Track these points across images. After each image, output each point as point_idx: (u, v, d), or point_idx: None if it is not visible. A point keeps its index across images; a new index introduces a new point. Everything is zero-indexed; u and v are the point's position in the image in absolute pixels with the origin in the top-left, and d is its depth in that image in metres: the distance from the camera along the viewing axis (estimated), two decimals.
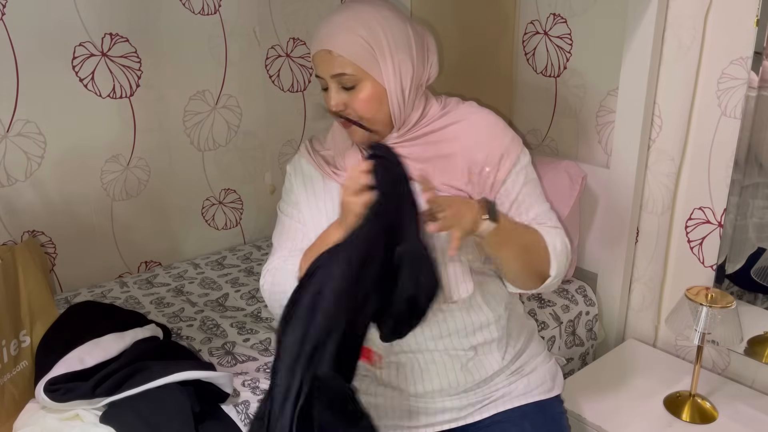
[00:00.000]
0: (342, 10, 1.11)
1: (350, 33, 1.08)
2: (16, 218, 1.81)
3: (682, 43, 1.53)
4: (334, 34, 1.08)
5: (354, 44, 1.08)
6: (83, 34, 1.81)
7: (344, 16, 1.09)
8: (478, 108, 1.22)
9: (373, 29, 1.09)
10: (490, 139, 1.16)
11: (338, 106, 1.12)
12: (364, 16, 1.09)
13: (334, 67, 1.09)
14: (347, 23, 1.08)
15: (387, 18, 1.11)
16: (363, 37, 1.08)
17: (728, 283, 1.59)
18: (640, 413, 1.48)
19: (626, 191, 1.68)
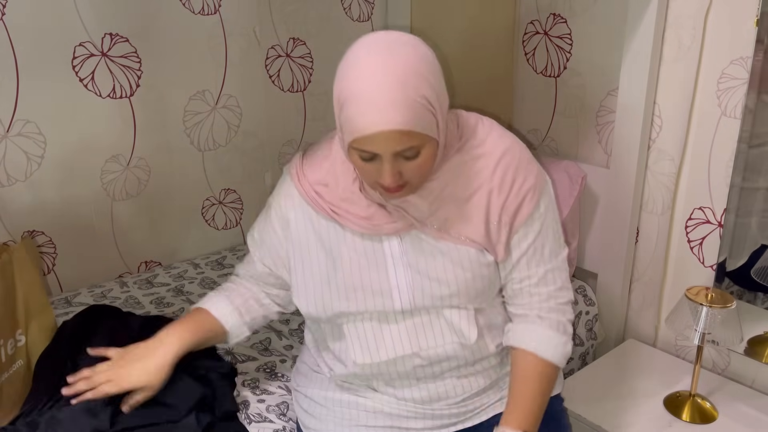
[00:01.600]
0: (386, 69, 0.91)
1: (415, 101, 0.91)
2: (16, 218, 1.81)
3: (682, 43, 1.53)
4: (397, 108, 0.90)
5: (423, 115, 0.93)
6: (83, 34, 1.81)
7: (394, 77, 0.91)
8: (502, 137, 1.10)
9: (428, 81, 0.94)
10: (513, 180, 1.07)
11: (396, 180, 0.98)
12: (413, 67, 0.92)
13: (399, 143, 0.93)
14: (406, 90, 0.91)
15: (426, 56, 0.96)
16: (427, 98, 0.93)
17: (728, 283, 1.59)
18: (640, 413, 1.48)
19: (626, 191, 1.68)
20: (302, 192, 1.12)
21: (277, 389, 1.46)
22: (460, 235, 1.06)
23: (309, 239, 1.13)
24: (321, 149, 1.14)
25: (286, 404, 1.41)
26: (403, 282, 1.08)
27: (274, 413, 1.38)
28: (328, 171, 1.10)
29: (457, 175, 1.06)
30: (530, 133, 2.01)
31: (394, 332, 1.12)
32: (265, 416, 1.37)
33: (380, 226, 1.07)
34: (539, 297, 1.14)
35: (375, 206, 1.07)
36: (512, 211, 1.07)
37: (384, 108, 0.90)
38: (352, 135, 0.94)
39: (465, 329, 1.12)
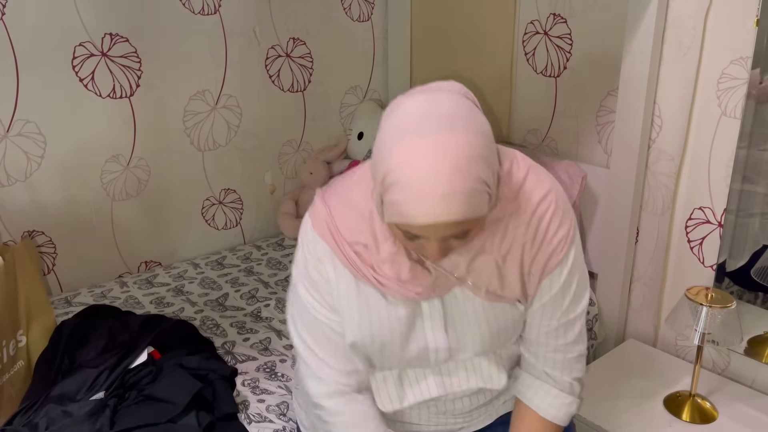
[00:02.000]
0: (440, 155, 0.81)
1: (473, 189, 0.83)
2: (16, 218, 1.81)
3: (682, 43, 1.53)
4: (453, 200, 0.82)
5: (480, 199, 0.85)
6: (83, 34, 1.81)
7: (451, 164, 0.81)
8: (538, 184, 1.01)
9: (486, 159, 0.85)
10: (546, 231, 1.01)
11: (442, 256, 0.92)
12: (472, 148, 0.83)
13: (451, 231, 0.86)
14: (464, 178, 0.82)
15: (481, 124, 0.87)
16: (485, 180, 0.85)
17: (728, 283, 1.59)
18: (640, 413, 1.48)
19: (626, 191, 1.68)
20: (340, 254, 1.02)
21: (277, 389, 1.46)
22: (498, 292, 1.02)
23: (350, 296, 1.05)
24: (355, 203, 1.02)
25: (286, 404, 1.41)
26: (442, 344, 1.06)
27: (274, 413, 1.38)
28: (368, 231, 1.00)
29: (494, 231, 0.99)
30: (530, 133, 2.01)
31: (421, 378, 1.11)
32: (265, 416, 1.37)
33: (424, 294, 1.01)
34: (546, 348, 1.11)
35: (417, 266, 1.00)
36: (542, 262, 1.02)
37: (438, 201, 0.81)
38: (397, 219, 0.86)
39: (495, 375, 1.11)
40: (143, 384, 1.29)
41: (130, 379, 1.30)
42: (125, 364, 1.33)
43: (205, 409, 1.28)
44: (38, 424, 1.19)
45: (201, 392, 1.30)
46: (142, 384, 1.29)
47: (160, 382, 1.29)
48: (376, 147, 0.89)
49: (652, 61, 1.56)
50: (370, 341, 1.05)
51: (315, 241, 1.04)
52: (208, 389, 1.32)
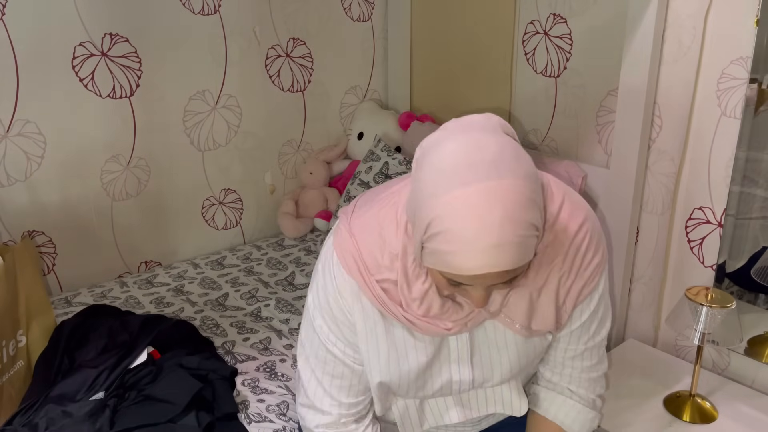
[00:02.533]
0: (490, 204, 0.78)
1: (524, 237, 0.80)
2: (16, 218, 1.81)
3: (682, 43, 1.53)
4: (505, 251, 0.79)
5: (531, 248, 0.82)
6: (83, 34, 1.81)
7: (502, 214, 0.78)
8: (574, 213, 0.98)
9: (535, 203, 0.82)
10: (582, 261, 0.98)
11: (487, 302, 0.90)
12: (521, 194, 0.80)
13: (502, 278, 0.83)
14: (515, 227, 0.79)
15: (528, 166, 0.83)
16: (535, 225, 0.82)
17: (728, 283, 1.59)
18: (640, 413, 1.48)
19: (626, 191, 1.68)
20: (369, 292, 0.98)
21: (277, 389, 1.46)
22: (532, 326, 1.00)
23: (378, 334, 1.02)
24: (381, 235, 0.98)
25: (287, 404, 1.41)
26: (466, 376, 1.05)
27: (274, 413, 1.38)
28: (399, 271, 0.96)
29: (531, 263, 0.95)
30: (530, 133, 2.01)
31: (441, 405, 1.11)
32: (265, 416, 1.37)
33: (456, 329, 0.98)
34: (573, 369, 1.11)
35: (449, 302, 0.97)
36: (576, 292, 1.00)
37: (490, 253, 0.78)
38: (443, 268, 0.83)
39: (516, 402, 1.11)
40: (143, 384, 1.29)
41: (129, 379, 1.30)
42: (125, 364, 1.33)
43: (205, 409, 1.28)
44: (38, 424, 1.19)
45: (201, 392, 1.29)
46: (142, 384, 1.29)
47: (160, 382, 1.29)
48: (417, 193, 0.84)
49: (652, 61, 1.56)
50: (397, 378, 1.03)
51: (341, 275, 1.00)
52: (208, 389, 1.32)
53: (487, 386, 1.09)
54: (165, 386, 1.27)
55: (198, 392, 1.28)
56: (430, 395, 1.08)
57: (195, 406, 1.26)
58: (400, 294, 0.96)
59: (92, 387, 1.27)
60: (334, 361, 1.05)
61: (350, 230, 1.00)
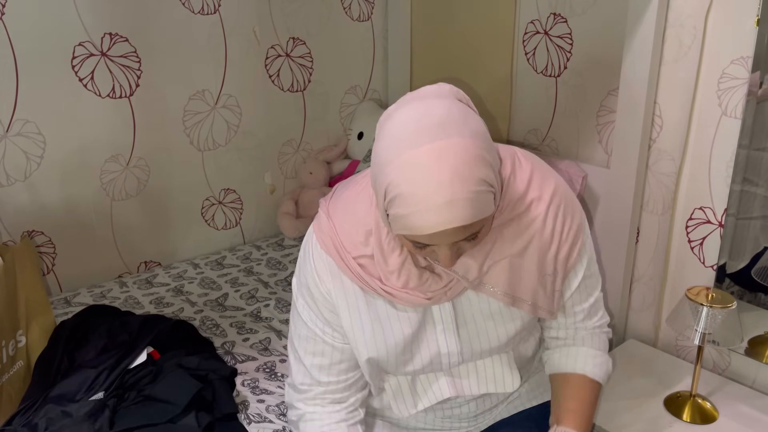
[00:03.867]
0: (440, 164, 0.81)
1: (477, 192, 0.83)
2: (16, 218, 1.81)
3: (682, 43, 1.52)
4: (458, 206, 0.82)
5: (486, 203, 0.85)
6: (83, 34, 1.80)
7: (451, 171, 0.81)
8: (545, 178, 1.02)
9: (485, 159, 0.85)
10: (563, 226, 1.02)
11: (454, 261, 0.92)
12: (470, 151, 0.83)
13: (460, 235, 0.86)
14: (466, 183, 0.82)
15: (477, 124, 0.87)
16: (488, 180, 0.84)
17: (729, 283, 1.59)
18: (641, 413, 1.48)
19: (626, 191, 1.68)
20: (345, 269, 1.01)
21: (277, 389, 1.46)
22: (513, 294, 1.01)
23: (360, 311, 1.04)
24: (359, 218, 1.01)
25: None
26: (454, 347, 1.06)
27: (273, 413, 1.38)
28: (375, 246, 0.99)
29: (506, 231, 0.99)
30: (530, 133, 2.01)
31: (433, 381, 1.11)
32: (264, 416, 1.37)
33: (436, 299, 1.00)
34: (584, 330, 1.14)
35: (427, 272, 0.99)
36: (564, 257, 1.03)
37: (444, 209, 0.81)
38: (404, 231, 0.86)
39: (507, 378, 1.12)
40: (143, 384, 1.29)
41: (129, 379, 1.30)
42: (125, 365, 1.33)
43: (204, 410, 1.28)
44: (38, 425, 1.18)
45: (201, 392, 1.29)
46: (142, 384, 1.29)
47: (160, 382, 1.29)
48: (373, 161, 0.89)
49: (653, 61, 1.56)
50: (384, 352, 1.04)
51: (319, 257, 1.04)
52: (207, 389, 1.32)
53: (477, 359, 1.09)
54: (165, 386, 1.27)
55: (198, 392, 1.28)
56: (420, 369, 1.07)
57: (195, 407, 1.26)
58: (378, 268, 0.99)
59: (92, 387, 1.27)
60: (314, 339, 1.07)
61: (328, 213, 1.04)
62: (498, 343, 1.07)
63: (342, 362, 1.08)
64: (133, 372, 1.32)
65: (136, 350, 1.38)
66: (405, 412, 1.11)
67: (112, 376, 1.30)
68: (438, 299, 1.00)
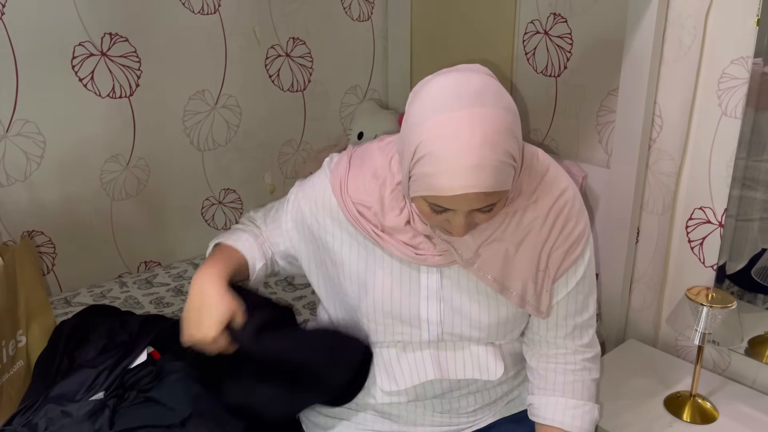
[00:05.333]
0: (473, 128, 0.84)
1: (502, 162, 0.86)
2: (16, 218, 1.81)
3: (682, 43, 1.52)
4: (484, 172, 0.85)
5: (508, 176, 0.88)
6: (83, 34, 1.80)
7: (483, 138, 0.84)
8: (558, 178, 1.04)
9: (514, 134, 0.88)
10: (563, 226, 1.03)
11: (467, 231, 0.95)
12: (502, 123, 0.86)
13: (480, 203, 0.89)
14: (495, 151, 0.85)
15: (509, 102, 0.91)
16: (513, 154, 0.88)
17: (729, 283, 1.59)
18: (641, 413, 1.48)
19: (626, 191, 1.68)
20: (344, 208, 1.06)
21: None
22: (502, 281, 1.02)
23: (343, 254, 1.09)
24: (370, 164, 1.06)
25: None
26: (434, 315, 1.06)
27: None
28: (375, 196, 1.03)
29: (510, 219, 1.01)
30: (530, 133, 2.01)
31: (419, 359, 1.10)
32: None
33: (424, 258, 1.02)
34: (565, 350, 1.11)
35: (421, 237, 1.02)
36: (560, 257, 1.03)
37: (470, 172, 0.84)
38: (426, 192, 0.88)
39: (492, 366, 1.11)
40: (143, 384, 1.29)
41: (129, 379, 1.30)
42: (125, 365, 1.32)
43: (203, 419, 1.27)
44: (38, 425, 1.18)
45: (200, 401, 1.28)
46: (142, 384, 1.29)
47: (164, 385, 1.28)
48: (406, 122, 0.92)
49: (653, 61, 1.56)
50: (364, 297, 1.07)
51: (325, 188, 1.10)
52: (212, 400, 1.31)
53: (457, 341, 1.09)
54: (168, 391, 1.27)
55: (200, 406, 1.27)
56: (400, 332, 1.08)
57: (195, 417, 1.25)
58: (375, 219, 1.03)
59: (92, 387, 1.27)
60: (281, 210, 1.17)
61: (350, 158, 1.10)
62: (479, 327, 1.07)
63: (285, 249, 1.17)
64: (133, 372, 1.32)
65: (137, 350, 1.37)
66: (387, 386, 1.11)
67: (112, 376, 1.29)
68: (427, 260, 1.02)
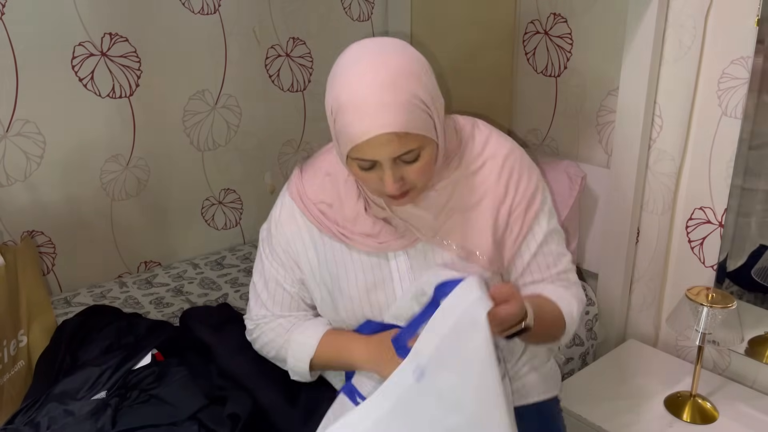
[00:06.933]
0: (374, 72, 0.90)
1: (407, 102, 0.90)
2: (16, 218, 1.81)
3: (682, 43, 1.52)
4: (389, 110, 0.89)
5: (417, 115, 0.91)
6: (83, 34, 1.80)
7: (383, 79, 0.89)
8: (500, 141, 1.09)
9: (420, 80, 0.92)
10: (518, 183, 1.06)
11: (399, 187, 0.96)
12: (403, 68, 0.91)
13: (397, 147, 0.91)
14: (397, 91, 0.89)
15: (416, 57, 0.96)
16: (420, 97, 0.91)
17: (728, 283, 1.59)
18: (641, 413, 1.48)
19: (626, 191, 1.68)
20: (306, 212, 1.10)
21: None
22: (467, 247, 1.04)
23: (313, 263, 1.12)
24: (320, 166, 1.12)
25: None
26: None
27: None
28: (331, 191, 1.09)
29: (461, 185, 1.04)
30: (530, 133, 2.01)
31: None
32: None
33: (388, 243, 1.05)
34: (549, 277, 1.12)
35: (381, 223, 1.06)
36: (520, 213, 1.06)
37: (376, 112, 0.88)
38: (348, 145, 0.92)
39: None
40: (146, 384, 1.29)
41: (132, 379, 1.30)
42: (129, 365, 1.32)
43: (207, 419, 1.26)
44: (40, 423, 1.18)
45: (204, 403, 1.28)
46: (145, 384, 1.29)
47: (168, 384, 1.28)
48: (326, 92, 0.96)
49: (653, 61, 1.56)
50: (339, 297, 1.09)
51: (285, 205, 1.16)
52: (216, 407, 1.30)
53: None
54: (172, 390, 1.27)
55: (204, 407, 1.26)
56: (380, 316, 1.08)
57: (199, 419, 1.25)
58: (335, 215, 1.07)
59: (95, 385, 1.27)
60: (272, 280, 1.16)
61: (300, 171, 1.16)
62: None
63: (297, 302, 1.16)
64: (136, 372, 1.32)
65: (142, 352, 1.37)
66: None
67: (116, 376, 1.29)
68: (390, 246, 1.05)
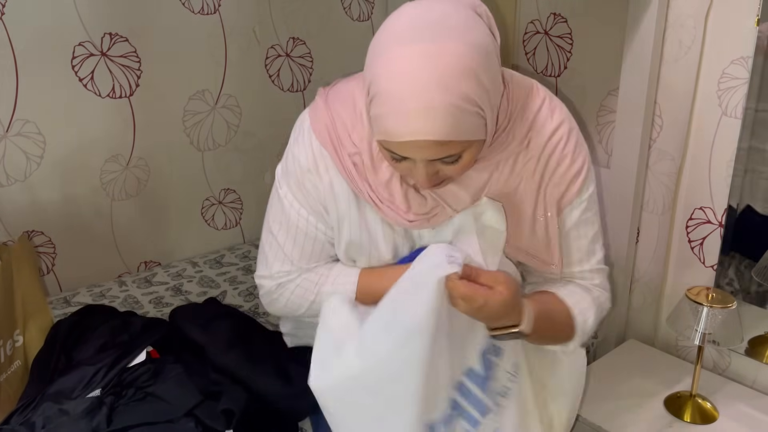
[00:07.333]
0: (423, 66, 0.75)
1: (457, 107, 0.76)
2: (15, 218, 1.81)
3: (682, 43, 1.52)
4: (433, 116, 0.75)
5: (465, 121, 0.78)
6: (83, 34, 1.80)
7: (433, 77, 0.74)
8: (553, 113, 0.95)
9: (477, 77, 0.77)
10: (557, 165, 0.95)
11: (432, 182, 0.87)
12: (460, 63, 0.75)
13: (434, 153, 0.80)
14: (447, 94, 0.75)
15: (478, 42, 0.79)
16: (474, 99, 0.77)
17: (728, 282, 1.58)
18: (641, 413, 1.48)
19: (626, 191, 1.68)
20: (341, 168, 0.96)
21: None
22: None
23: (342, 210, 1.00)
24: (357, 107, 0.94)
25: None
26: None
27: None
28: (365, 154, 0.94)
29: (503, 166, 0.93)
30: None
31: None
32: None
33: (417, 224, 0.96)
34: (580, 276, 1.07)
35: (412, 192, 0.95)
36: (555, 200, 0.96)
37: (418, 115, 0.75)
38: (379, 135, 0.81)
39: None
40: (141, 381, 1.29)
41: (127, 377, 1.30)
42: (124, 363, 1.32)
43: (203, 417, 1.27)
44: (35, 423, 1.18)
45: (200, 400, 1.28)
46: (140, 381, 1.29)
47: (164, 382, 1.28)
48: (369, 52, 0.83)
49: (653, 61, 1.56)
50: (368, 248, 1.00)
51: (315, 149, 0.98)
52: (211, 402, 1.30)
53: None
54: (168, 387, 1.27)
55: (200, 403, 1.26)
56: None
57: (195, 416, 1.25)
58: (367, 172, 0.94)
59: (89, 384, 1.27)
60: (296, 228, 1.02)
61: (326, 102, 0.98)
62: None
63: (323, 251, 1.03)
64: (131, 370, 1.32)
65: (136, 350, 1.37)
66: None
67: (111, 374, 1.29)
68: (419, 224, 0.95)
